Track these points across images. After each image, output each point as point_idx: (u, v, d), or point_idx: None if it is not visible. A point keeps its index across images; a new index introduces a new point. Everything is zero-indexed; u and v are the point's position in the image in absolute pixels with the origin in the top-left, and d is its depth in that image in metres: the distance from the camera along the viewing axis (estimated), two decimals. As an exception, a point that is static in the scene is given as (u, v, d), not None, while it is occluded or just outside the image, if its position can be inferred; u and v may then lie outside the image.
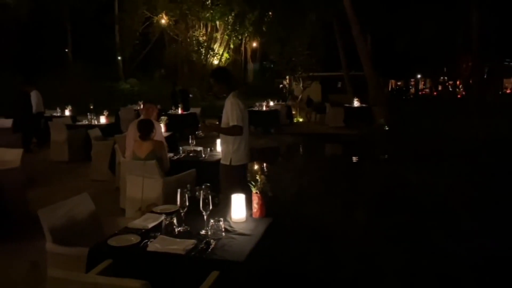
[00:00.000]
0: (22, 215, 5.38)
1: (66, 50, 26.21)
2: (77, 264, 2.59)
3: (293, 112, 17.36)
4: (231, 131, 4.29)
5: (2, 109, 10.76)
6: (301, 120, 17.67)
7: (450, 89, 38.85)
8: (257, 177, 2.99)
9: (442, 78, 40.66)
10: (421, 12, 21.13)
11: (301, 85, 18.44)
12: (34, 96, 10.64)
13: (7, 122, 10.31)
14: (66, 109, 12.47)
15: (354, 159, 10.13)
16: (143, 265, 2.41)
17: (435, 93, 40.53)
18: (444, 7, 20.99)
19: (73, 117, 11.80)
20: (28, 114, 10.48)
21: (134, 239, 2.56)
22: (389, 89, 37.81)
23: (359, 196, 6.73)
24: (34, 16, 22.60)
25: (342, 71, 21.38)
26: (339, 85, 24.63)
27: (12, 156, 5.72)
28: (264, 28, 20.30)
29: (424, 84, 47.32)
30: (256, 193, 2.97)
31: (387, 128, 14.33)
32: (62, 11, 24.23)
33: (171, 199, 4.15)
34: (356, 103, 15.43)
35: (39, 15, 22.88)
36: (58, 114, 11.96)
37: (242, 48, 26.03)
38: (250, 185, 2.98)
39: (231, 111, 4.21)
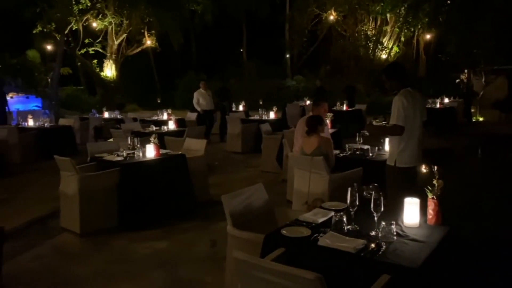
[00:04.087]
0: (204, 197, 6.12)
1: (241, 50, 28.54)
2: (251, 248, 2.82)
3: (472, 110, 15.61)
4: (390, 131, 4.13)
5: (189, 104, 12.32)
6: (481, 119, 15.78)
7: None
8: (434, 182, 2.80)
9: None
10: None
11: (483, 80, 16.43)
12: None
13: (193, 116, 11.80)
14: (240, 104, 13.62)
15: (550, 167, 8.59)
16: (313, 257, 2.49)
17: None
18: None
19: (246, 112, 12.82)
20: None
21: (305, 231, 2.67)
22: None
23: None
24: (216, 20, 25.19)
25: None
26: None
27: (198, 145, 6.52)
28: (440, 19, 18.66)
29: None
30: (432, 198, 2.78)
31: None
32: (239, 13, 26.44)
33: (336, 196, 4.20)
34: (554, 101, 13.05)
35: (220, 19, 25.42)
36: (234, 109, 13.14)
37: (414, 41, 24.40)
38: (426, 190, 2.81)
39: (392, 109, 4.06)
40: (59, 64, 17.90)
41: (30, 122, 10.44)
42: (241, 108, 13.44)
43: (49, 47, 21.34)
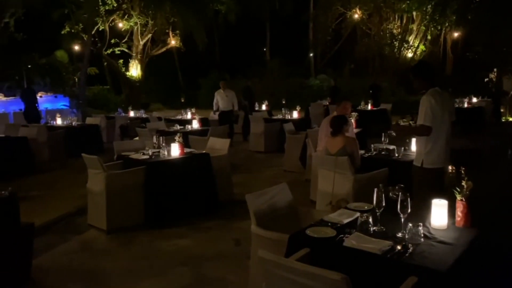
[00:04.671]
0: (227, 196, 6.15)
1: (264, 49, 28.53)
2: (276, 248, 2.82)
3: (502, 110, 15.19)
4: (418, 131, 4.07)
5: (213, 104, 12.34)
6: (511, 119, 15.33)
7: None
8: (463, 183, 2.74)
9: None
10: None
11: (513, 79, 15.97)
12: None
13: (216, 115, 11.84)
14: (263, 104, 13.62)
15: None
16: (338, 258, 2.48)
17: None
18: None
19: (269, 111, 12.81)
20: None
21: (330, 232, 2.65)
22: None
23: None
24: (239, 19, 25.26)
25: None
26: None
27: (221, 145, 6.55)
28: (469, 16, 18.20)
29: None
30: (461, 200, 2.72)
31: None
32: (262, 12, 26.44)
33: (361, 196, 4.15)
34: None
35: (243, 18, 25.48)
36: (257, 109, 13.15)
37: (441, 39, 23.87)
38: (455, 191, 2.75)
39: (420, 109, 4.00)
40: (86, 64, 18.30)
41: (59, 121, 10.71)
42: (264, 107, 13.44)
43: (76, 48, 21.84)
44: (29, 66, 19.11)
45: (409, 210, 2.62)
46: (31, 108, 11.77)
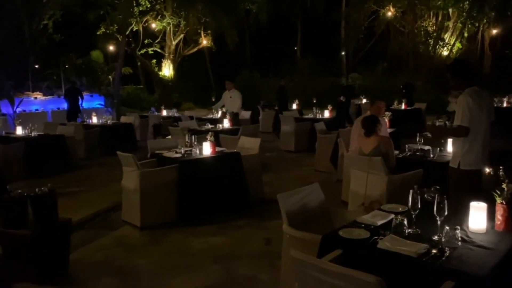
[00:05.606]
0: (258, 195, 6.16)
1: (295, 48, 28.40)
2: (307, 248, 2.79)
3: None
4: (455, 132, 3.95)
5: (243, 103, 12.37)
6: (553, 119, 14.62)
7: None
8: (503, 186, 2.65)
9: None
10: None
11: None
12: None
13: (247, 114, 11.90)
14: (294, 103, 13.56)
15: None
16: (372, 260, 2.43)
17: None
18: None
19: (299, 110, 12.75)
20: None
21: (363, 233, 2.61)
22: None
23: None
24: (271, 19, 25.24)
25: None
26: None
27: (252, 144, 6.56)
28: (509, 12, 17.51)
29: None
30: (501, 203, 2.63)
31: None
32: (293, 11, 26.33)
33: (394, 198, 4.07)
34: None
35: (274, 17, 25.44)
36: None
37: (479, 36, 23.06)
38: (494, 194, 2.65)
39: (457, 109, 3.87)
40: (121, 64, 18.73)
41: (94, 120, 11.00)
42: (294, 106, 13.39)
43: (111, 48, 22.39)
44: (67, 66, 19.73)
45: (446, 213, 2.55)
46: (72, 107, 12.16)
